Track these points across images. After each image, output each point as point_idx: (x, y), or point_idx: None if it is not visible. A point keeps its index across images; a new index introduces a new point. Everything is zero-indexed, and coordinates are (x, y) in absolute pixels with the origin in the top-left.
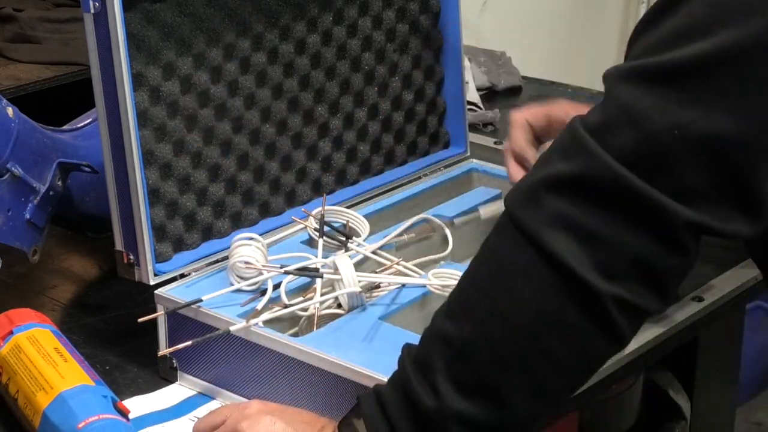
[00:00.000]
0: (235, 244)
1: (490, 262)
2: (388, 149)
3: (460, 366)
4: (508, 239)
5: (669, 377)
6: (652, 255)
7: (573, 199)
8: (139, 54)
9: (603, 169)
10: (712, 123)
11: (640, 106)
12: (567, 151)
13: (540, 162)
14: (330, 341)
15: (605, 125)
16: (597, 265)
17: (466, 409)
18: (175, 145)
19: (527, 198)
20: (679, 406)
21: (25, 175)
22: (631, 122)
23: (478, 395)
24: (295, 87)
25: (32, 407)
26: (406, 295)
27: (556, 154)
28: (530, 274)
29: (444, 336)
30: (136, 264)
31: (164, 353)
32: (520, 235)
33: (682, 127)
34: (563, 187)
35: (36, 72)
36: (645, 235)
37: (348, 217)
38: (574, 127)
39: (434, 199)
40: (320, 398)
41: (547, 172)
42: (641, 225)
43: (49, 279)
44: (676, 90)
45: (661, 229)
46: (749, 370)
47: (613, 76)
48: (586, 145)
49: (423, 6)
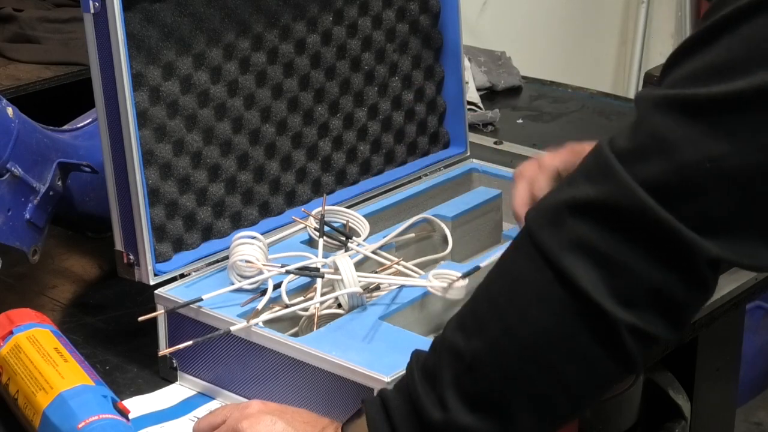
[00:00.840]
0: (236, 243)
1: (506, 279)
2: (388, 149)
3: (469, 381)
4: (527, 258)
5: (669, 377)
6: (672, 287)
7: (596, 225)
8: (139, 54)
9: (629, 197)
10: (745, 158)
11: (672, 136)
12: (593, 174)
13: (564, 182)
14: (330, 341)
15: (634, 152)
16: (614, 293)
17: (472, 423)
18: (175, 145)
19: (549, 218)
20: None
21: (25, 175)
22: (661, 152)
23: (485, 411)
24: (295, 87)
25: (32, 407)
26: (406, 295)
27: (582, 176)
28: (546, 296)
29: (455, 349)
30: (136, 264)
31: (164, 353)
32: (539, 256)
33: (714, 161)
34: (587, 211)
35: (36, 72)
36: (666, 267)
37: (348, 217)
38: (601, 150)
39: (434, 199)
40: (320, 398)
41: (571, 194)
42: (663, 257)
43: (49, 279)
44: (710, 124)
45: (684, 264)
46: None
47: (647, 102)
48: (614, 170)
49: (423, 6)
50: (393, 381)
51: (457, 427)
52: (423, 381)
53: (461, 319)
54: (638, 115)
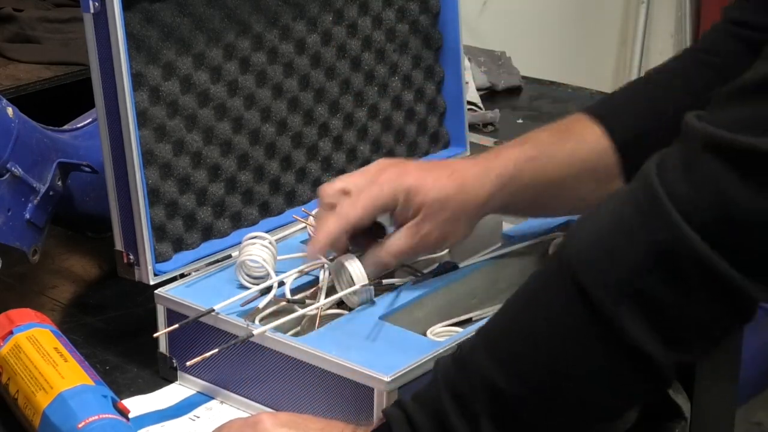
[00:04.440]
0: (245, 243)
1: (548, 320)
2: (388, 149)
3: (506, 416)
4: (571, 303)
5: None
6: (720, 327)
7: (650, 273)
8: (139, 54)
9: (689, 247)
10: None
11: (730, 187)
12: (647, 217)
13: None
14: (330, 341)
15: (690, 198)
16: (664, 339)
17: None
18: (175, 145)
19: (596, 261)
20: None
21: (25, 175)
22: (718, 202)
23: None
24: (295, 87)
25: (32, 407)
26: (406, 295)
27: (635, 217)
28: (595, 348)
29: (492, 385)
30: (136, 264)
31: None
32: (587, 302)
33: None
34: (641, 260)
35: (36, 72)
36: (721, 312)
37: None
38: (653, 189)
39: None
40: (320, 398)
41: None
42: (717, 303)
43: (49, 279)
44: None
45: (738, 308)
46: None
47: (702, 138)
48: (672, 218)
49: (423, 6)
50: (393, 380)
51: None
52: (453, 404)
53: (493, 346)
54: (689, 149)
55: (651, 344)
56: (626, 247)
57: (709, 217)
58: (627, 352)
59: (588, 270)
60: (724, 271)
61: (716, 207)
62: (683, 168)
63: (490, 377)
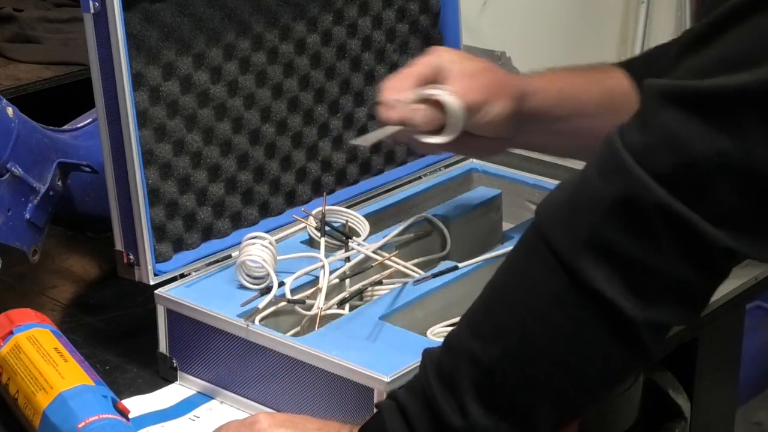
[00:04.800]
0: (245, 243)
1: (520, 282)
2: (388, 149)
3: (489, 388)
4: (540, 260)
5: (669, 377)
6: (689, 278)
7: (611, 223)
8: (138, 54)
9: (644, 192)
10: (754, 154)
11: (682, 131)
12: (607, 171)
13: (577, 180)
14: (330, 341)
15: (646, 146)
16: (632, 291)
17: (494, 427)
18: (175, 145)
19: (562, 219)
20: (679, 406)
21: (25, 175)
22: (672, 147)
23: (506, 416)
24: (295, 87)
25: (32, 407)
26: (406, 295)
27: (596, 173)
28: (564, 300)
29: (472, 357)
30: (136, 264)
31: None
32: (553, 258)
33: (724, 156)
34: (601, 210)
35: (36, 72)
36: (683, 258)
37: (348, 217)
38: (613, 146)
39: (434, 199)
40: (320, 398)
41: (585, 192)
42: (679, 249)
43: (49, 279)
44: (718, 118)
45: (700, 254)
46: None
47: (657, 93)
48: (627, 166)
49: (423, 6)
50: (393, 381)
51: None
52: (441, 387)
53: (476, 324)
54: (646, 106)
55: (620, 296)
56: (588, 201)
57: (666, 163)
58: (598, 308)
59: (554, 228)
60: (683, 214)
61: (672, 152)
62: (641, 123)
63: (472, 352)
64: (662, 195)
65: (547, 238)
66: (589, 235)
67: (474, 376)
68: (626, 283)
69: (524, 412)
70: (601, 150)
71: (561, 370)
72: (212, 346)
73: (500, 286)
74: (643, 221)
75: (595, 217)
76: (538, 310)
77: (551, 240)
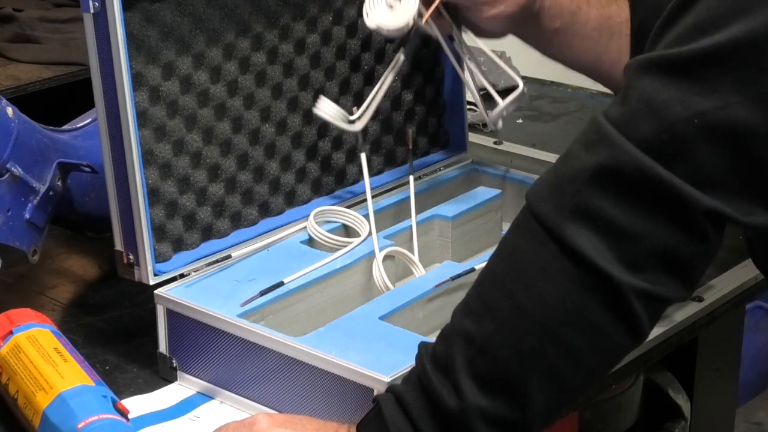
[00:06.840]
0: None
1: (510, 258)
2: (388, 149)
3: (482, 364)
4: (529, 234)
5: (669, 377)
6: (674, 243)
7: (595, 190)
8: (138, 54)
9: (626, 159)
10: (730, 112)
11: (660, 97)
12: (590, 143)
13: (563, 156)
14: (330, 341)
15: (627, 116)
16: (619, 257)
17: (489, 406)
18: (174, 145)
19: (549, 192)
20: (679, 406)
21: (25, 175)
22: (652, 113)
23: (500, 392)
24: (294, 87)
25: (32, 407)
26: (406, 294)
27: (580, 147)
28: (552, 270)
29: (464, 334)
30: (136, 264)
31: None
32: (541, 230)
33: (701, 117)
34: (585, 178)
35: (36, 72)
36: (666, 223)
37: (348, 217)
38: (597, 120)
39: (434, 199)
40: (320, 398)
41: (569, 165)
42: (663, 213)
43: (49, 279)
44: (694, 80)
45: (683, 217)
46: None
47: (633, 68)
48: (610, 136)
49: None
50: (393, 381)
51: (475, 411)
52: (435, 371)
53: (468, 305)
54: (627, 81)
55: (607, 262)
56: (572, 171)
57: (647, 129)
58: (587, 275)
59: (541, 201)
60: (665, 177)
61: (652, 118)
62: (622, 97)
63: (465, 330)
64: (645, 160)
65: (535, 212)
66: (574, 203)
67: (468, 354)
68: (613, 249)
69: (518, 389)
70: (586, 128)
71: (552, 344)
72: (212, 346)
73: (492, 265)
74: (626, 187)
75: (580, 186)
76: (527, 282)
77: (539, 214)
